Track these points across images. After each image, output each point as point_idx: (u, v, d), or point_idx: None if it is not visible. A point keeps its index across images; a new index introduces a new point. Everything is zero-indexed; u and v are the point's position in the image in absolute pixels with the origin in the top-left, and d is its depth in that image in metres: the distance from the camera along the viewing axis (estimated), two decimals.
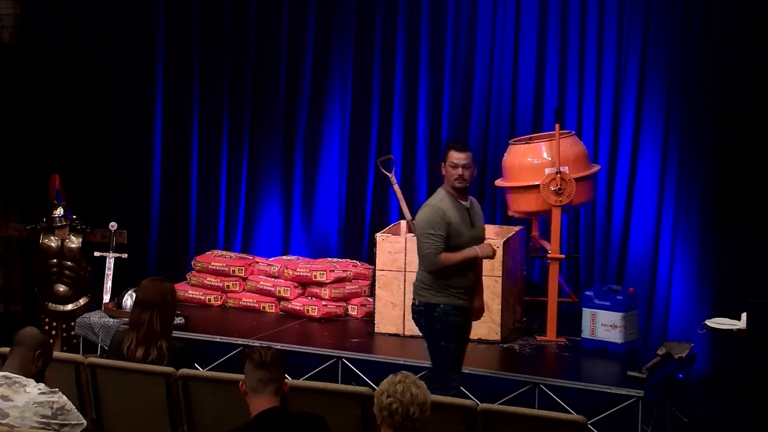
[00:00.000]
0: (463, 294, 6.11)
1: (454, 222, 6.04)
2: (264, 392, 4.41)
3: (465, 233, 6.09)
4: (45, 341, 4.89)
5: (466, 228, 6.10)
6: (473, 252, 6.09)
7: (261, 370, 4.42)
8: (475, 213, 6.22)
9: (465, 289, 6.13)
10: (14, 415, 4.56)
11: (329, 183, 8.84)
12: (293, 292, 8.14)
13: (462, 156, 6.07)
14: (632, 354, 7.20)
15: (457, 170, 6.05)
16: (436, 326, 6.10)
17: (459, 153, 6.08)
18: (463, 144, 6.32)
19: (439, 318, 6.07)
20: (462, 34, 8.40)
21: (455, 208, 6.08)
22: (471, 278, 6.17)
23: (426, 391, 4.11)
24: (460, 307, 6.11)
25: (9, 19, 9.31)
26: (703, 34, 7.64)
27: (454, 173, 6.06)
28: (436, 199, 6.14)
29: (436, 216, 6.03)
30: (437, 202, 6.10)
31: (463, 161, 6.06)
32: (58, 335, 8.36)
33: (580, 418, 4.98)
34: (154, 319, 5.49)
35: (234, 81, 9.03)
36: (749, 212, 7.51)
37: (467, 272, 6.13)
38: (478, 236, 6.21)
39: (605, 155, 8.03)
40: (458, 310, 6.09)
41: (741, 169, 7.60)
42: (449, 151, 6.11)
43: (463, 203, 6.13)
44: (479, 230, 6.23)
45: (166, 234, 9.20)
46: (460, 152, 6.09)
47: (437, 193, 6.19)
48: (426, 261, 6.06)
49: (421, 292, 6.13)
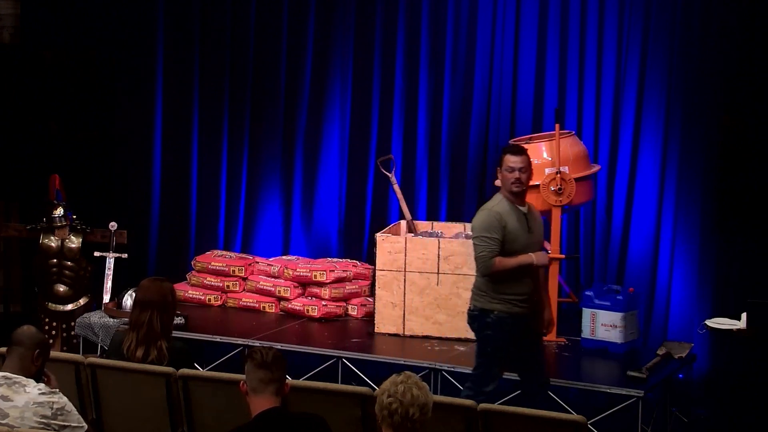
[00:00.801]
0: (520, 301, 6.01)
1: (510, 226, 5.97)
2: (265, 392, 4.41)
3: (521, 239, 6.00)
4: (44, 340, 4.89)
5: (523, 233, 6.01)
6: (528, 258, 5.99)
7: (262, 369, 4.42)
8: (533, 219, 6.12)
9: (523, 297, 6.02)
10: (14, 416, 4.56)
11: (329, 183, 8.84)
12: (293, 292, 8.14)
13: (518, 159, 6.00)
14: (632, 354, 7.20)
15: (514, 174, 5.98)
16: (486, 332, 6.02)
17: (514, 156, 6.01)
18: (519, 147, 6.26)
19: (492, 324, 5.99)
20: (462, 34, 8.40)
21: (513, 212, 6.01)
22: (528, 285, 6.04)
23: (428, 393, 4.10)
24: (517, 315, 6.01)
25: (9, 19, 9.31)
26: (703, 34, 7.64)
27: (511, 177, 5.98)
28: (493, 203, 6.08)
29: (492, 219, 5.96)
30: (494, 206, 6.04)
31: (519, 164, 5.99)
32: (58, 335, 8.36)
33: (580, 418, 4.98)
34: (154, 319, 5.49)
35: (234, 81, 9.03)
36: (749, 212, 7.51)
37: (523, 279, 6.02)
38: (535, 242, 6.09)
39: (605, 155, 8.03)
40: (513, 318, 5.99)
41: (741, 169, 7.60)
42: (504, 156, 6.05)
43: (521, 208, 6.06)
44: (536, 236, 6.12)
45: (166, 234, 9.21)
46: (516, 155, 6.02)
47: (494, 197, 6.13)
48: (480, 264, 5.98)
49: (477, 298, 6.07)
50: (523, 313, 6.03)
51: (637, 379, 6.61)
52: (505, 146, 6.40)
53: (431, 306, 7.49)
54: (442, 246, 7.46)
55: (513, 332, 6.01)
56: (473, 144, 8.39)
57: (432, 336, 7.49)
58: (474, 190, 8.42)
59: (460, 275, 7.39)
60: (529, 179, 6.07)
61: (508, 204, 6.02)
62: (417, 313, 7.52)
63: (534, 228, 6.10)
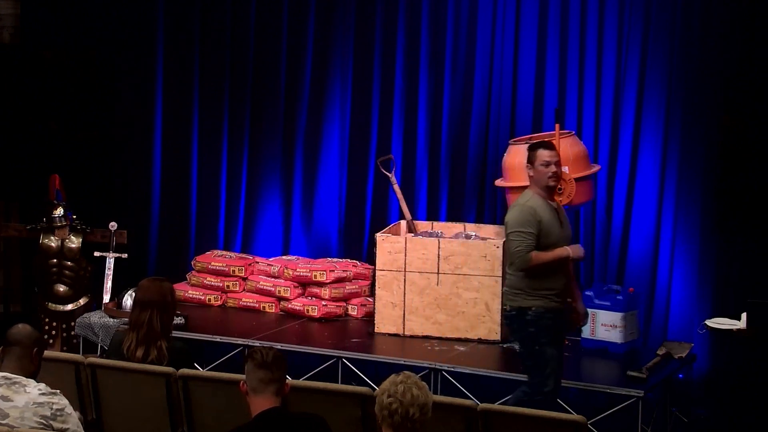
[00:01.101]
0: (555, 296, 6.04)
1: (545, 220, 6.01)
2: (265, 392, 4.41)
3: (554, 232, 6.05)
4: (40, 337, 4.86)
5: (556, 227, 6.06)
6: (565, 252, 6.04)
7: (262, 369, 4.42)
8: (562, 213, 6.19)
9: (557, 291, 6.06)
10: (14, 416, 4.55)
11: (329, 183, 8.83)
12: (293, 292, 8.14)
13: (553, 153, 6.07)
14: (632, 354, 7.21)
15: (550, 168, 6.04)
16: (529, 330, 6.01)
17: (549, 150, 6.07)
18: (549, 142, 6.35)
19: (532, 321, 5.99)
20: (462, 34, 8.40)
21: (545, 207, 6.06)
22: (562, 280, 6.09)
23: (427, 393, 4.10)
24: (554, 310, 6.04)
25: (9, 19, 9.30)
26: (703, 34, 7.63)
27: (547, 171, 6.03)
28: (524, 199, 6.11)
29: (526, 214, 6.00)
30: (526, 201, 6.07)
31: (555, 158, 6.06)
32: (58, 335, 8.36)
33: (580, 418, 4.98)
34: (154, 318, 5.49)
35: (234, 81, 9.02)
36: (749, 212, 7.50)
37: (557, 273, 6.06)
38: (567, 236, 6.16)
39: (605, 155, 8.02)
40: (551, 313, 6.02)
41: (741, 169, 7.59)
42: (537, 151, 6.09)
43: (551, 203, 6.12)
44: (567, 230, 6.18)
45: (166, 234, 9.20)
46: (550, 149, 6.08)
47: (524, 194, 6.17)
48: (517, 258, 5.99)
49: (512, 297, 6.07)
50: (559, 308, 6.08)
51: (637, 379, 6.61)
52: (534, 143, 6.42)
53: (431, 306, 7.49)
54: (442, 246, 7.46)
55: (553, 327, 6.03)
56: (473, 144, 8.39)
57: (432, 336, 7.49)
58: (474, 190, 8.42)
59: (460, 275, 7.40)
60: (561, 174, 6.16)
61: (540, 199, 6.07)
62: (417, 313, 7.52)
63: (564, 222, 6.16)
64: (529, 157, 6.13)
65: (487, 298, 7.37)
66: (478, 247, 7.42)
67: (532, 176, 6.12)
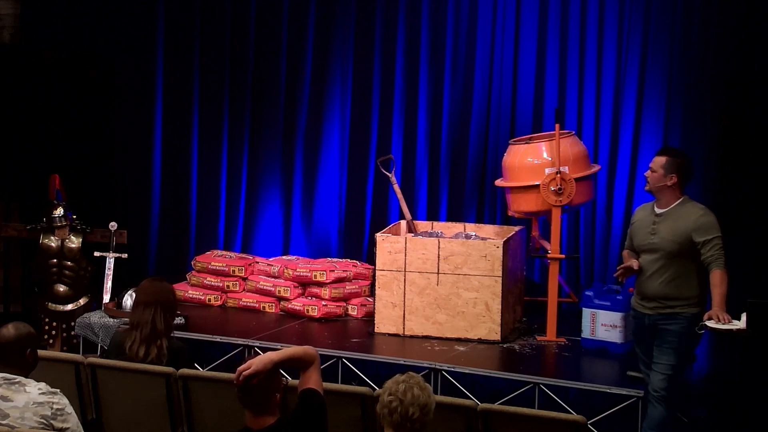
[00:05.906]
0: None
1: (635, 223, 6.30)
2: (258, 414, 4.34)
3: (638, 237, 6.22)
4: (31, 334, 4.78)
5: (643, 233, 6.17)
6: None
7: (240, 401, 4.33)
8: (664, 221, 6.13)
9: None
10: (14, 416, 4.55)
11: (329, 183, 8.84)
12: (293, 292, 8.14)
13: (654, 159, 6.19)
14: (632, 354, 7.19)
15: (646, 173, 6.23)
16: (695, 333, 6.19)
17: (654, 156, 6.23)
18: (662, 149, 6.42)
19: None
20: (462, 34, 8.40)
21: (647, 211, 6.24)
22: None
23: (430, 394, 4.09)
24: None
25: (9, 19, 9.31)
26: (703, 34, 7.64)
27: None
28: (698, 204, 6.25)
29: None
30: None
31: (650, 164, 6.18)
32: (58, 335, 8.36)
33: (580, 418, 4.98)
34: (157, 317, 5.51)
35: (234, 81, 9.03)
36: (749, 212, 7.50)
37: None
38: (650, 245, 6.14)
39: (605, 155, 8.03)
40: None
41: (740, 169, 7.59)
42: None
43: (657, 209, 6.18)
44: (658, 240, 6.12)
45: (166, 234, 9.21)
46: (656, 156, 6.22)
47: (690, 200, 6.28)
48: (724, 263, 6.14)
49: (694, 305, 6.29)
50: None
51: (637, 379, 6.61)
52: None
53: (431, 306, 7.49)
54: (442, 246, 7.46)
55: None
56: (473, 144, 8.40)
57: (432, 336, 7.48)
58: (474, 190, 8.43)
59: (460, 275, 7.39)
60: (657, 180, 6.13)
61: (652, 202, 6.24)
62: (417, 313, 7.52)
63: (661, 232, 6.12)
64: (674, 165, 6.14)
65: (487, 298, 7.37)
66: (478, 247, 7.41)
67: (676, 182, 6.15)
